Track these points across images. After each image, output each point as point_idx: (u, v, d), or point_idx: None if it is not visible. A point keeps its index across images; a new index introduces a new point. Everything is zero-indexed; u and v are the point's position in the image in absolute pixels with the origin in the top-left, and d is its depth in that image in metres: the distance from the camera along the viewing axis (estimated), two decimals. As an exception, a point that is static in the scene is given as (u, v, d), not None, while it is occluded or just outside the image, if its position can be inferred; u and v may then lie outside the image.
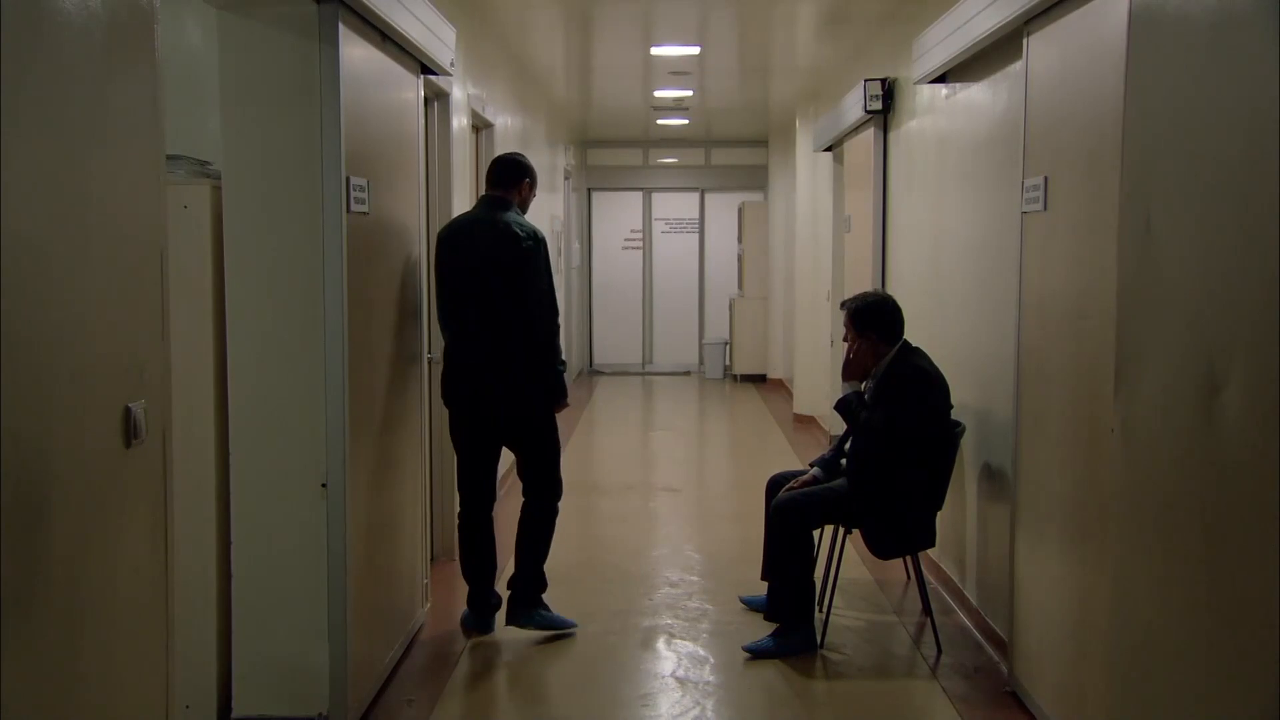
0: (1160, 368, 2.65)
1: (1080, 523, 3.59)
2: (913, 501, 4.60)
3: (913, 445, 4.53)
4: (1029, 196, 4.06)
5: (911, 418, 4.52)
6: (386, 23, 4.04)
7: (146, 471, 2.48)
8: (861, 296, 4.91)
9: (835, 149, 8.96)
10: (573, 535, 6.86)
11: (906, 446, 4.52)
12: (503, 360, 4.67)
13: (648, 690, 4.32)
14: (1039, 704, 3.94)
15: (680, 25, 7.58)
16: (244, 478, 3.79)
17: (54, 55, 2.09)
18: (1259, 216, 2.20)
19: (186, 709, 3.69)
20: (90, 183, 2.23)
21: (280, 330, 3.77)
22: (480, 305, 4.67)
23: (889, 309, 4.75)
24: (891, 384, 4.59)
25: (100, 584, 2.27)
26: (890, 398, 4.55)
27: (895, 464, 4.55)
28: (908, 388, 4.56)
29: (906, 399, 4.54)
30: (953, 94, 5.51)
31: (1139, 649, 2.77)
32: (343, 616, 3.76)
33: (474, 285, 4.68)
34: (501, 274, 4.64)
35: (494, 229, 4.70)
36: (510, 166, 4.94)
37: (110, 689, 2.33)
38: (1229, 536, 2.33)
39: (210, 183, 3.73)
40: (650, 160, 15.26)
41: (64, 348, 2.13)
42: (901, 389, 4.56)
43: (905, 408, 4.52)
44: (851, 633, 4.94)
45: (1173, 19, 2.63)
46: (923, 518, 4.65)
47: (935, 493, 4.68)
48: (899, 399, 4.54)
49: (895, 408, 4.51)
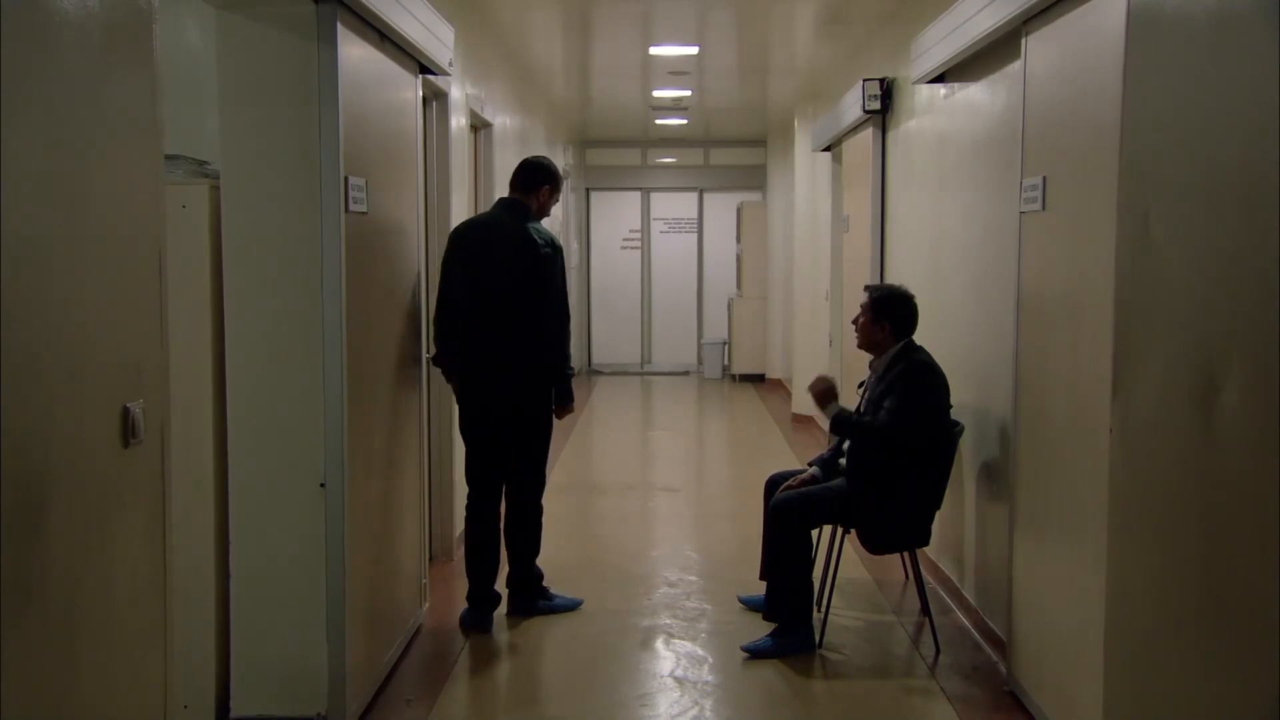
0: (1158, 368, 2.65)
1: (1079, 522, 3.60)
2: (909, 499, 4.60)
3: (917, 439, 4.54)
4: (1027, 196, 4.06)
5: (917, 409, 4.53)
6: (385, 22, 4.03)
7: (145, 471, 2.48)
8: (888, 286, 4.97)
9: (834, 149, 8.96)
10: (571, 535, 6.86)
11: (911, 439, 4.53)
12: (508, 359, 4.77)
13: (646, 690, 4.32)
14: (1037, 704, 3.95)
15: (679, 25, 7.58)
16: (242, 477, 3.79)
17: (53, 55, 2.09)
18: (1257, 217, 2.20)
19: (185, 709, 3.69)
20: (89, 182, 2.23)
21: (279, 330, 3.77)
22: (491, 306, 4.74)
23: (909, 306, 4.78)
24: (902, 375, 4.59)
25: (98, 584, 2.27)
26: (901, 389, 4.55)
27: (898, 460, 4.55)
28: (921, 377, 4.59)
29: (919, 388, 4.55)
30: (951, 94, 5.52)
31: (1136, 648, 2.77)
32: (341, 616, 3.76)
33: (487, 286, 4.74)
34: (515, 278, 4.72)
35: (512, 234, 4.76)
36: (530, 170, 4.94)
37: (108, 689, 2.33)
38: (1225, 536, 2.33)
39: (209, 182, 3.73)
40: (649, 160, 15.26)
41: (62, 348, 2.13)
42: (915, 379, 4.58)
43: (916, 397, 4.53)
44: (850, 633, 4.94)
45: (1171, 19, 2.63)
46: (919, 515, 4.66)
47: (933, 492, 4.68)
48: (910, 388, 4.54)
49: (906, 397, 4.52)
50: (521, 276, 4.69)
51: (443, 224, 5.68)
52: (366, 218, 3.98)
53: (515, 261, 4.69)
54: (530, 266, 4.69)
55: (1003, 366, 4.47)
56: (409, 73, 4.65)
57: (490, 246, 4.74)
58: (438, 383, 5.60)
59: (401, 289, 4.55)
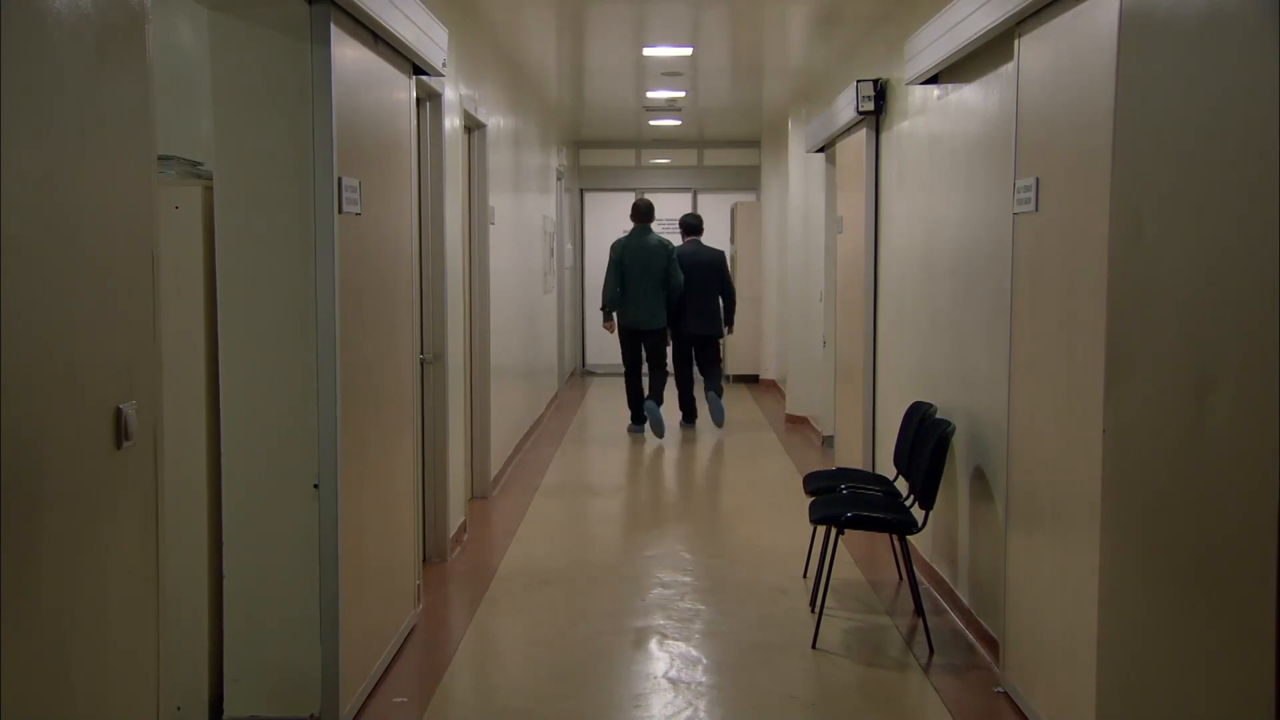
0: (1151, 368, 2.66)
1: (1072, 523, 3.60)
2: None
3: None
4: (1020, 197, 4.07)
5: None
6: (378, 23, 4.03)
7: (137, 472, 2.48)
8: None
9: (828, 150, 8.97)
10: (565, 536, 6.87)
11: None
12: (658, 309, 10.04)
13: (640, 691, 4.32)
14: (1030, 704, 3.95)
15: (672, 26, 7.59)
16: (235, 478, 3.78)
17: (45, 56, 2.09)
18: (1250, 217, 2.21)
19: (178, 710, 3.68)
20: (82, 183, 2.23)
21: (272, 331, 3.76)
22: (650, 281, 9.96)
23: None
24: None
25: (91, 585, 2.27)
26: None
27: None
28: None
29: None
30: (945, 95, 5.53)
31: (1129, 649, 2.77)
32: (335, 617, 3.76)
33: (646, 270, 9.95)
34: (660, 267, 10.00)
35: (655, 242, 10.06)
36: (651, 208, 10.29)
37: (101, 690, 2.33)
38: (1219, 536, 2.33)
39: (202, 183, 3.73)
40: (643, 161, 15.25)
41: (55, 348, 2.13)
42: None
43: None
44: (844, 633, 4.94)
45: (1164, 19, 2.64)
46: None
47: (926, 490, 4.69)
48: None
49: None
50: (662, 264, 10.16)
51: (436, 225, 5.68)
52: (360, 219, 3.98)
53: (659, 256, 10.17)
54: (666, 259, 10.14)
55: (996, 367, 4.48)
56: (403, 74, 4.65)
57: (646, 248, 10.16)
58: (432, 384, 5.61)
59: (395, 290, 4.55)
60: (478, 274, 7.17)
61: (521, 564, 5.96)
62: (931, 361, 5.68)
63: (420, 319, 4.97)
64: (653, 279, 9.96)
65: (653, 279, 9.96)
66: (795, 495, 6.62)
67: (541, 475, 8.36)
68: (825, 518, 4.85)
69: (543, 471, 8.51)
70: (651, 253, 9.99)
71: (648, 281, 9.96)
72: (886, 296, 6.86)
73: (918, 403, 5.52)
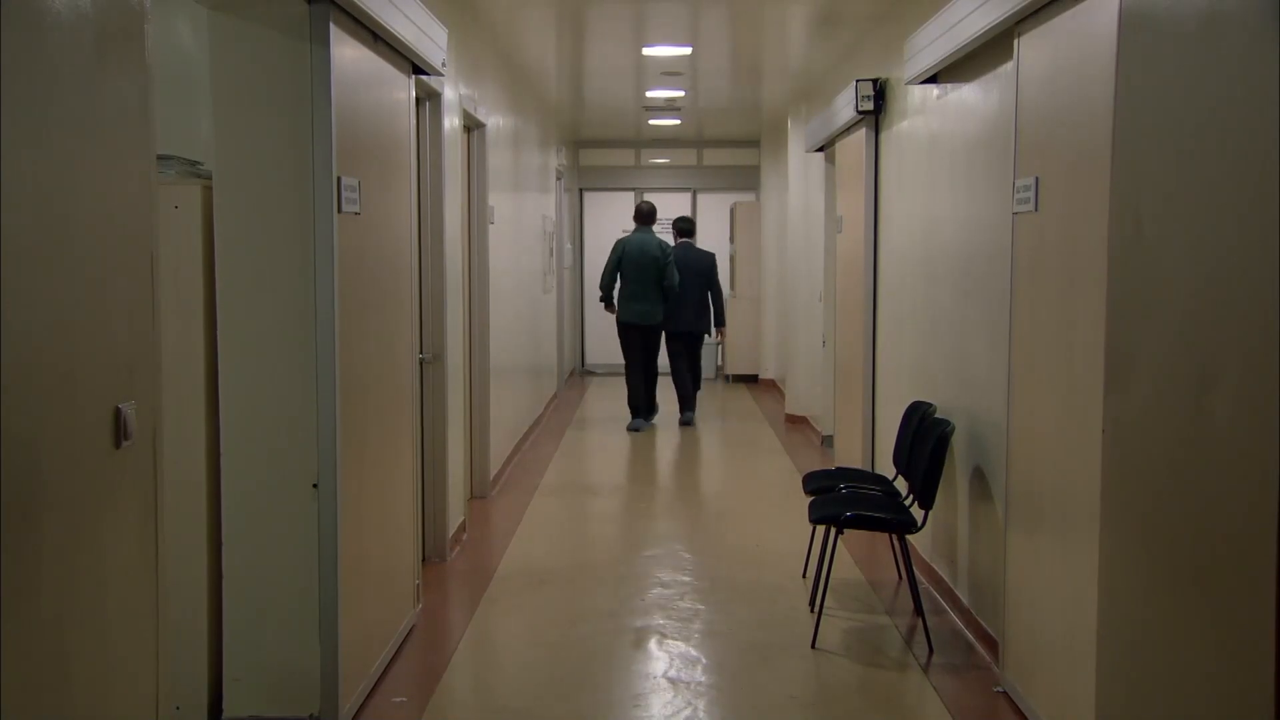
0: (1151, 368, 2.65)
1: (1072, 522, 3.60)
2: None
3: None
4: (1020, 197, 4.07)
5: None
6: (378, 23, 4.03)
7: (136, 472, 2.48)
8: None
9: (827, 149, 8.97)
10: (564, 535, 6.87)
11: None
12: (654, 306, 10.27)
13: (640, 691, 4.32)
14: (1030, 704, 3.95)
15: (672, 26, 7.58)
16: (235, 478, 3.78)
17: (45, 55, 2.09)
18: (1250, 217, 2.21)
19: (177, 710, 3.68)
20: (81, 183, 2.23)
21: (271, 331, 3.76)
22: (648, 280, 10.22)
23: None
24: None
25: (90, 584, 2.27)
26: None
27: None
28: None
29: None
30: (944, 95, 5.52)
31: (1128, 648, 2.77)
32: (334, 616, 3.76)
33: (645, 270, 10.22)
34: (657, 267, 10.29)
35: (654, 243, 10.31)
36: (653, 211, 10.67)
37: (100, 689, 2.33)
38: (1219, 536, 2.33)
39: (201, 183, 3.72)
40: (642, 160, 15.25)
41: (54, 348, 2.13)
42: None
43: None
44: (843, 633, 4.94)
45: (1163, 19, 2.64)
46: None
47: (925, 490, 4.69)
48: None
49: None
50: (659, 264, 10.40)
51: (435, 225, 5.68)
52: (359, 219, 3.98)
53: (656, 256, 10.36)
54: (664, 258, 10.38)
55: (995, 366, 4.48)
56: (402, 73, 4.65)
57: (645, 248, 10.39)
58: (431, 383, 5.61)
59: (395, 290, 4.54)
60: (477, 274, 7.17)
61: (521, 564, 5.96)
62: (931, 361, 5.67)
63: (419, 319, 4.96)
64: (650, 278, 10.35)
65: (650, 278, 10.35)
66: (795, 495, 6.61)
67: (541, 475, 8.36)
68: (825, 517, 4.86)
69: (542, 471, 8.51)
70: (650, 253, 10.37)
71: (646, 280, 10.34)
72: (886, 296, 6.86)
73: (917, 402, 5.52)
